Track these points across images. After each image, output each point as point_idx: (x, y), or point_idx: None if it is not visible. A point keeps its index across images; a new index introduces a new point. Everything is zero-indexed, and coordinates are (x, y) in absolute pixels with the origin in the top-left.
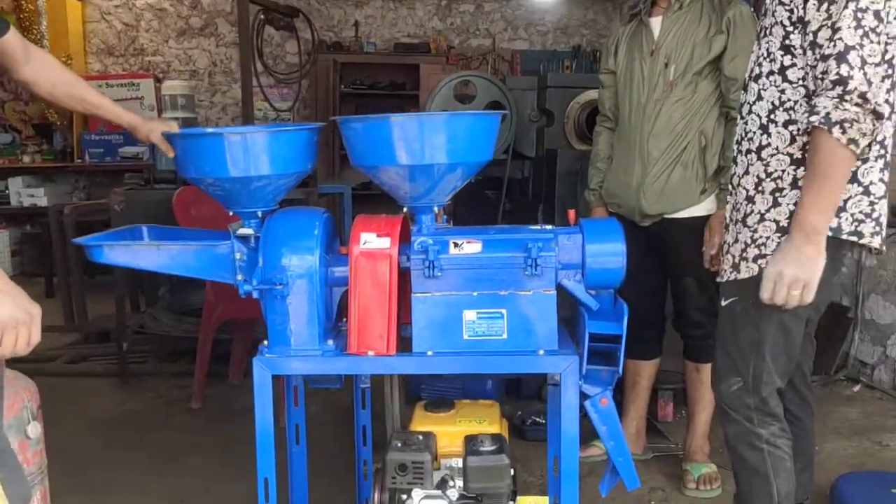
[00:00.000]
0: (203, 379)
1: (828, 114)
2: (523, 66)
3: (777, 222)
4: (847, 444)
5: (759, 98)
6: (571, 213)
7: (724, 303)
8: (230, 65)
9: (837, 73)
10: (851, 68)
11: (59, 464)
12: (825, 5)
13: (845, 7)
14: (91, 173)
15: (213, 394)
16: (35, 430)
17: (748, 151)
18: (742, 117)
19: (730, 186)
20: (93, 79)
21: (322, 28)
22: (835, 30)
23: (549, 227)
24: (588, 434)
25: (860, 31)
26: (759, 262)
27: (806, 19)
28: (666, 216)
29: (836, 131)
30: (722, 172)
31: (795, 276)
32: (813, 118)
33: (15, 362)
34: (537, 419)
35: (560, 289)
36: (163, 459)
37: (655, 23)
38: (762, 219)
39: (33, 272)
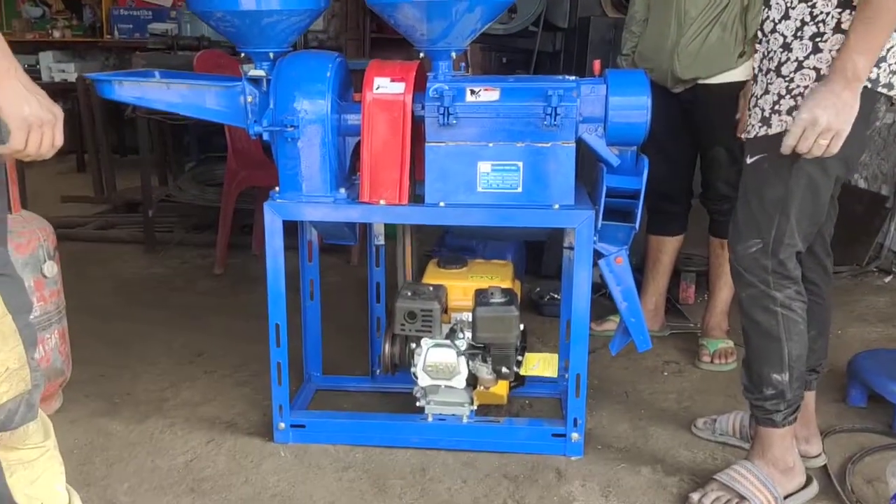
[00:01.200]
0: (225, 245)
1: None
2: None
3: (817, 70)
4: (871, 329)
5: None
6: (597, 63)
7: (749, 160)
8: None
9: None
10: None
11: (85, 317)
12: None
13: None
14: (121, 50)
15: (235, 263)
16: (51, 269)
17: None
18: None
19: (759, 34)
20: None
21: None
22: None
23: (570, 77)
24: (605, 310)
25: None
26: (795, 114)
27: None
28: (700, 81)
29: None
30: None
31: (829, 124)
32: None
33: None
34: (554, 295)
35: (580, 143)
36: (185, 318)
37: None
38: (800, 66)
39: (64, 148)
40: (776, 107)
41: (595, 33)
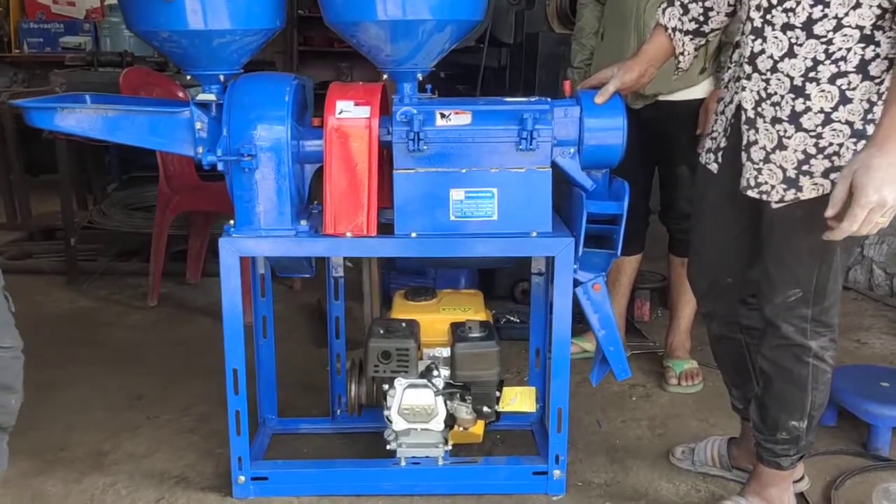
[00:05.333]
0: (159, 275)
1: None
2: None
3: (851, 124)
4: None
5: None
6: (567, 85)
7: (774, 206)
8: None
9: None
10: None
11: None
12: None
13: None
14: (30, 65)
15: (168, 292)
16: None
17: (787, 27)
18: None
19: (744, 69)
20: None
21: None
22: None
23: (544, 99)
24: None
25: None
26: (832, 175)
27: None
28: (661, 98)
29: None
30: (724, 49)
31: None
32: None
33: None
34: (510, 317)
35: (554, 167)
36: (119, 356)
37: None
38: (829, 119)
39: None
40: (805, 167)
41: (543, 49)
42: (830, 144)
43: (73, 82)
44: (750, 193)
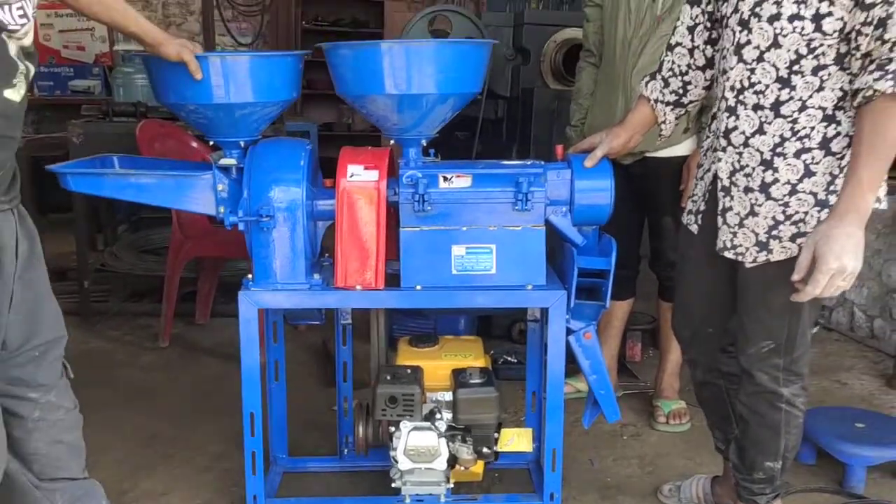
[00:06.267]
0: (171, 317)
1: None
2: (490, 1)
3: (815, 195)
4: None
5: (777, 45)
6: (559, 149)
7: (748, 265)
8: None
9: None
10: None
11: None
12: None
13: None
14: (40, 108)
15: (178, 333)
16: None
17: (758, 106)
18: (744, 62)
19: (720, 142)
20: (44, 8)
21: None
22: None
23: (538, 161)
24: None
25: None
26: (799, 240)
27: None
28: (648, 154)
29: None
30: (705, 111)
31: (854, 269)
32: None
33: None
34: (508, 358)
35: (547, 225)
36: (133, 396)
37: None
38: (794, 190)
39: None
40: (774, 232)
41: (539, 103)
42: (797, 212)
43: (89, 133)
44: (726, 254)
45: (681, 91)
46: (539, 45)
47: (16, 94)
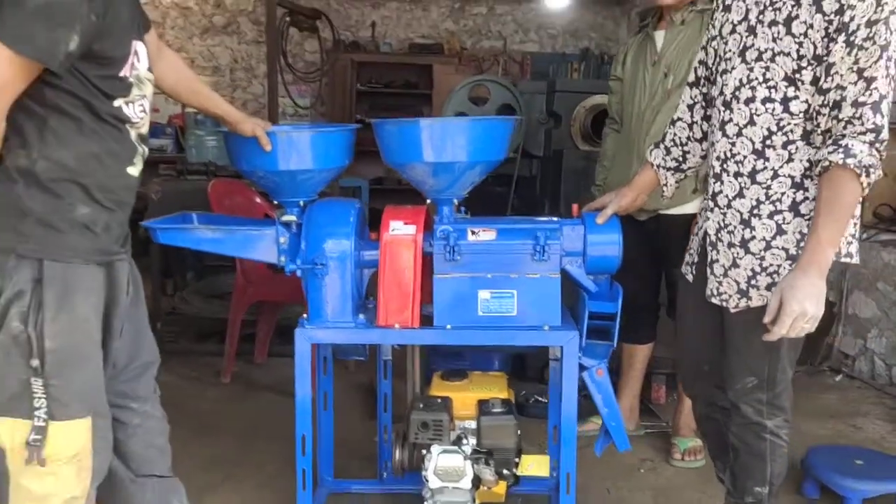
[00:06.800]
0: (233, 355)
1: (862, 159)
2: (533, 67)
3: (786, 250)
4: (823, 425)
5: (752, 123)
6: (575, 208)
7: (732, 311)
8: (251, 62)
9: (873, 123)
10: (883, 117)
11: None
12: (854, 51)
13: (879, 58)
14: None
15: (238, 371)
16: None
17: (738, 174)
18: (727, 136)
19: (709, 203)
20: None
21: (340, 28)
22: (868, 79)
23: (554, 218)
24: (585, 411)
25: (888, 80)
26: (773, 289)
27: (829, 60)
28: (661, 212)
29: (864, 176)
30: None
31: (814, 313)
32: (849, 160)
33: None
34: (539, 398)
35: (563, 273)
36: (198, 426)
37: (659, 36)
38: (768, 246)
39: None
40: (753, 282)
41: (568, 163)
42: (771, 265)
43: (167, 190)
44: (713, 300)
45: (680, 159)
46: (569, 110)
47: (135, 170)
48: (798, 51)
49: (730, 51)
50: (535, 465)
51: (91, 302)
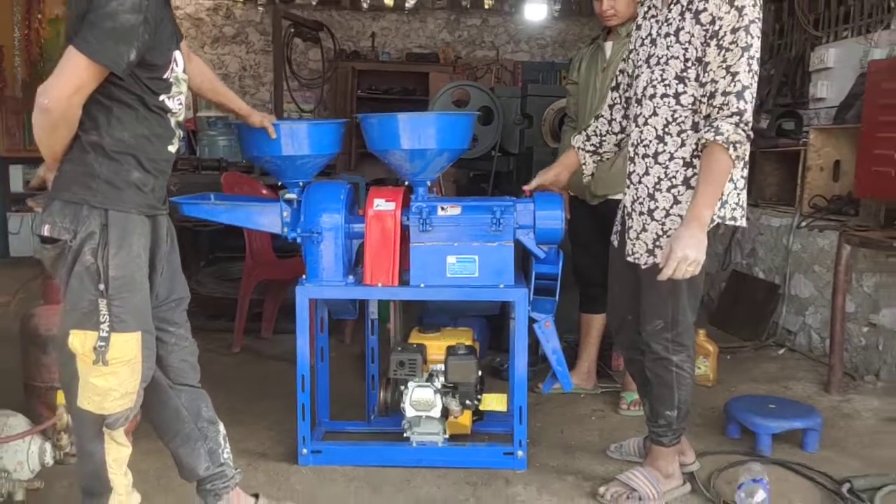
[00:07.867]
0: (242, 327)
1: (728, 136)
2: (524, 75)
3: (682, 217)
4: (759, 387)
5: (655, 114)
6: (527, 189)
7: (643, 267)
8: (258, 69)
9: (737, 107)
10: (746, 103)
11: None
12: (723, 52)
13: (741, 57)
14: None
15: (247, 344)
16: None
17: (645, 156)
18: (637, 126)
19: (626, 181)
20: None
21: (342, 38)
22: (734, 73)
23: (510, 198)
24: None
25: (750, 74)
26: (669, 251)
27: (706, 60)
28: (609, 197)
29: (731, 150)
30: None
31: (696, 258)
32: (717, 137)
33: None
34: None
35: (517, 242)
36: (214, 384)
37: (608, 46)
38: (668, 214)
39: None
40: (657, 243)
41: (538, 158)
42: (671, 229)
43: (183, 182)
44: (630, 259)
45: (598, 145)
46: (540, 112)
47: (174, 148)
48: (684, 55)
49: (640, 59)
50: (494, 402)
51: (142, 243)
